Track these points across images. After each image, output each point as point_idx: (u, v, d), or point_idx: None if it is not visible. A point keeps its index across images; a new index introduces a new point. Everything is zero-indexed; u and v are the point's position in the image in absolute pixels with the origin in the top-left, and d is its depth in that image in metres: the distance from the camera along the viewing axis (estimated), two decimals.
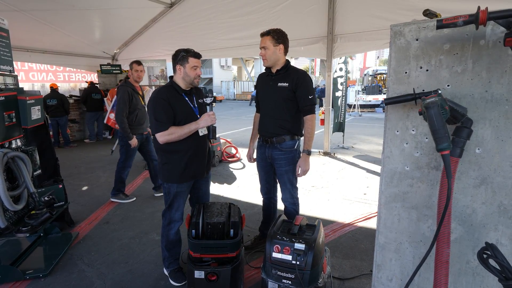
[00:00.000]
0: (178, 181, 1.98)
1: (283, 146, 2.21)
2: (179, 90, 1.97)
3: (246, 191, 4.07)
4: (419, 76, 1.14)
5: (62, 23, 6.40)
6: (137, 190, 4.14)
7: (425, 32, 1.11)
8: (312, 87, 2.18)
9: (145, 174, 4.88)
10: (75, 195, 3.91)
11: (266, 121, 2.27)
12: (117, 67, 7.97)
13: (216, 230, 1.82)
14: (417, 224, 1.23)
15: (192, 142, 1.97)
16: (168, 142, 1.90)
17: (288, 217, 2.17)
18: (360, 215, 3.25)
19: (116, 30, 7.29)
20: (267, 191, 2.48)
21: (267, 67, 2.23)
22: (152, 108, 1.90)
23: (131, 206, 3.56)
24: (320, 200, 3.70)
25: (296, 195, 2.35)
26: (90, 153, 6.60)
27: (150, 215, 3.30)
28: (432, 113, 0.76)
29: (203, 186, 2.20)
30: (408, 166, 1.21)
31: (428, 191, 1.19)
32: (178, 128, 1.90)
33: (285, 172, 2.25)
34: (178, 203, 2.03)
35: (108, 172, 5.03)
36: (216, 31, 6.41)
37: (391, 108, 1.21)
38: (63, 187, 2.80)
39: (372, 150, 6.62)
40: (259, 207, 3.48)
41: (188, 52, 1.93)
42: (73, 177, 4.73)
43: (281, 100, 2.16)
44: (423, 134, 1.17)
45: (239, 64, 40.03)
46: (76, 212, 3.37)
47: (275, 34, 2.13)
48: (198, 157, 2.03)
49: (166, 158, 1.98)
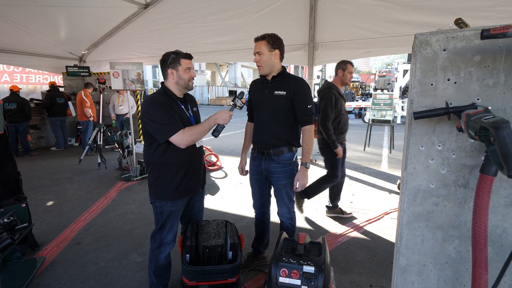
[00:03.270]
0: (172, 198, 1.77)
1: (281, 159, 2.08)
2: (173, 97, 1.78)
3: (231, 202, 3.88)
4: (446, 89, 1.08)
5: (22, 20, 5.83)
6: (111, 204, 3.78)
7: (454, 42, 1.04)
8: (310, 96, 2.08)
9: (120, 185, 4.51)
10: (39, 212, 3.47)
11: (262, 131, 2.14)
12: (85, 69, 7.41)
13: (214, 254, 1.64)
14: (443, 245, 1.15)
15: (189, 153, 1.77)
16: (190, 144, 1.69)
17: (286, 233, 2.04)
18: (349, 223, 3.21)
19: (85, 30, 6.79)
20: (261, 206, 2.34)
21: (262, 75, 2.11)
22: (153, 113, 1.66)
23: (105, 223, 3.22)
24: (308, 210, 3.61)
25: (293, 209, 2.23)
26: (54, 162, 6.01)
27: (129, 233, 2.99)
28: (504, 134, 0.68)
29: (198, 202, 2.01)
30: (433, 184, 1.14)
31: (455, 210, 1.12)
32: (195, 127, 1.72)
33: (283, 186, 2.12)
34: (171, 223, 1.82)
35: (76, 184, 4.57)
36: (195, 35, 6.20)
37: (415, 122, 1.13)
38: (26, 206, 2.44)
39: (351, 156, 6.73)
40: (247, 219, 3.33)
41: (178, 54, 1.76)
42: (35, 191, 4.23)
43: (279, 109, 2.03)
44: (450, 150, 1.10)
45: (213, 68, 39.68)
46: (41, 232, 2.97)
47: (270, 39, 2.02)
48: (194, 171, 1.84)
49: (159, 172, 1.76)
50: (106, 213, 3.46)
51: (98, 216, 3.38)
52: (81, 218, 3.32)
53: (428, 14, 4.54)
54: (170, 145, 1.70)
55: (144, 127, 1.73)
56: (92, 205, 3.71)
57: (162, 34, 6.37)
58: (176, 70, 1.75)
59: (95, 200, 3.89)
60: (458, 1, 4.30)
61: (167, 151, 1.73)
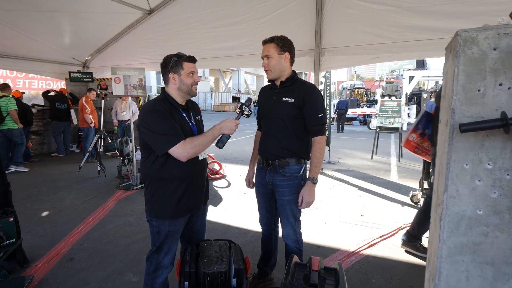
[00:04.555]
0: (171, 217, 1.59)
1: (287, 171, 1.88)
2: (175, 104, 1.61)
3: (234, 214, 3.68)
4: (498, 96, 0.89)
5: (26, 26, 5.77)
6: (109, 215, 3.60)
7: (508, 40, 0.86)
8: (322, 104, 1.89)
9: (119, 194, 4.34)
10: (32, 224, 3.30)
11: (268, 141, 1.95)
12: (88, 75, 7.34)
13: (216, 282, 1.44)
14: (494, 284, 0.95)
15: (190, 167, 1.59)
16: (192, 157, 1.52)
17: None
18: (362, 241, 2.99)
19: (89, 36, 6.73)
20: (268, 222, 2.14)
21: (270, 80, 1.94)
22: (151, 121, 1.49)
23: (101, 236, 3.04)
24: (316, 224, 3.41)
25: (299, 230, 2.01)
26: (54, 169, 5.87)
27: (125, 248, 2.80)
28: None
29: (199, 220, 1.82)
30: (482, 210, 0.95)
31: (509, 243, 0.92)
32: (198, 137, 1.55)
33: (287, 202, 1.91)
34: (170, 245, 1.63)
35: (74, 192, 4.41)
36: (199, 41, 6.10)
37: (458, 136, 0.95)
38: (14, 220, 2.27)
39: (358, 165, 6.52)
40: (252, 233, 3.13)
41: (181, 57, 1.59)
42: (31, 200, 4.08)
43: (286, 117, 1.85)
44: (503, 170, 0.91)
45: (217, 75, 39.89)
46: (32, 246, 2.80)
47: (280, 41, 1.85)
48: (196, 186, 1.66)
49: (157, 187, 1.58)
50: (102, 225, 3.28)
51: (94, 229, 3.20)
52: (76, 230, 3.14)
53: (439, 19, 4.38)
54: (169, 157, 1.53)
55: (141, 137, 1.56)
56: (89, 216, 3.53)
57: (165, 40, 6.28)
58: (178, 75, 1.59)
59: (92, 210, 3.71)
60: (470, 5, 4.13)
61: (166, 164, 1.55)
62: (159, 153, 1.50)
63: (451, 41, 1.01)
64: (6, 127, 5.34)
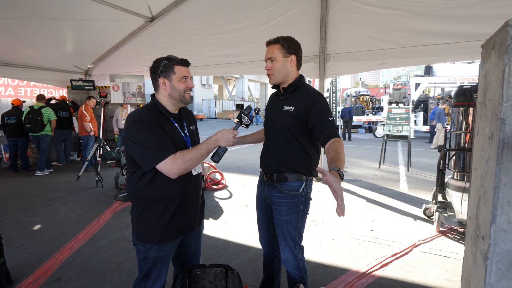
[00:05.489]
0: (159, 240, 1.40)
1: (285, 188, 1.67)
2: (165, 113, 1.43)
3: (235, 228, 3.47)
4: None
5: (28, 34, 5.74)
6: (103, 228, 3.42)
7: None
8: (329, 109, 1.68)
9: (115, 206, 4.16)
10: (22, 238, 3.13)
11: (268, 153, 1.77)
12: (90, 83, 7.28)
13: None
14: None
15: (182, 184, 1.41)
16: (183, 173, 1.33)
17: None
18: (374, 260, 2.75)
19: (91, 44, 6.69)
20: (269, 242, 1.93)
21: (273, 85, 1.76)
22: (137, 133, 1.32)
23: (93, 252, 2.85)
24: (323, 240, 3.18)
25: (301, 255, 1.77)
26: (52, 178, 5.74)
27: (117, 267, 2.60)
28: None
29: (194, 242, 1.62)
30: None
31: None
32: (190, 151, 1.35)
33: (284, 222, 1.69)
34: (159, 272, 1.43)
35: (70, 204, 4.24)
36: (201, 48, 6.01)
37: (509, 153, 0.75)
38: None
39: (365, 174, 6.28)
40: (254, 251, 2.91)
41: (171, 60, 1.42)
42: (25, 212, 3.91)
43: (284, 128, 1.65)
44: None
45: (220, 83, 40.07)
46: (20, 264, 2.62)
47: (286, 42, 1.67)
48: (189, 205, 1.47)
49: (144, 207, 1.40)
50: (95, 240, 3.09)
51: (87, 244, 3.01)
52: (67, 246, 2.95)
53: (448, 23, 4.21)
54: (158, 173, 1.34)
55: (126, 150, 1.39)
56: (83, 229, 3.35)
57: (168, 47, 6.20)
58: (169, 80, 1.41)
59: (87, 223, 3.53)
60: (480, 8, 3.95)
61: (154, 181, 1.37)
62: (145, 168, 1.32)
63: (495, 35, 0.83)
64: (44, 132, 6.05)
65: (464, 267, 1.14)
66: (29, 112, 5.92)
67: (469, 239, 1.06)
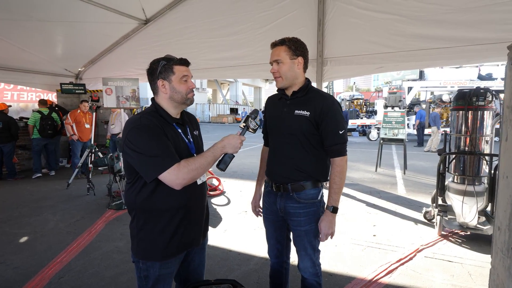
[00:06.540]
0: (162, 257, 1.28)
1: (302, 197, 1.59)
2: (167, 118, 1.33)
3: (236, 236, 3.34)
4: None
5: (15, 36, 5.54)
6: (96, 240, 3.25)
7: None
8: (342, 119, 1.61)
9: (108, 215, 3.99)
10: (7, 252, 2.94)
11: (278, 161, 1.66)
12: (81, 87, 7.08)
13: None
14: None
15: (186, 195, 1.30)
16: (188, 183, 1.22)
17: None
18: (379, 267, 2.68)
19: (82, 46, 6.50)
20: (278, 254, 1.83)
21: (280, 88, 1.67)
22: (137, 140, 1.21)
23: (85, 266, 2.68)
24: (326, 246, 3.08)
25: (318, 260, 1.71)
26: (40, 186, 5.50)
27: (111, 281, 2.45)
28: None
29: (197, 256, 1.50)
30: None
31: None
32: (195, 159, 1.24)
33: (305, 233, 1.62)
34: None
35: (59, 213, 4.05)
36: (196, 51, 5.90)
37: None
38: None
39: (363, 178, 6.25)
40: (256, 260, 2.79)
41: (170, 60, 1.32)
42: (10, 223, 3.71)
43: (299, 133, 1.57)
44: None
45: (214, 86, 39.97)
46: (4, 281, 2.44)
47: (292, 44, 1.59)
48: (194, 217, 1.36)
49: (144, 220, 1.28)
50: (87, 253, 2.93)
51: (78, 257, 2.84)
52: (57, 260, 2.78)
53: (445, 28, 4.23)
54: (160, 184, 1.23)
55: (125, 159, 1.28)
56: (73, 241, 3.18)
57: (162, 50, 6.05)
58: (169, 81, 1.31)
59: (78, 234, 3.36)
60: (477, 13, 3.98)
61: (156, 193, 1.25)
62: (147, 179, 1.21)
63: None
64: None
65: (493, 280, 1.07)
66: (45, 118, 6.13)
67: (498, 251, 0.98)
